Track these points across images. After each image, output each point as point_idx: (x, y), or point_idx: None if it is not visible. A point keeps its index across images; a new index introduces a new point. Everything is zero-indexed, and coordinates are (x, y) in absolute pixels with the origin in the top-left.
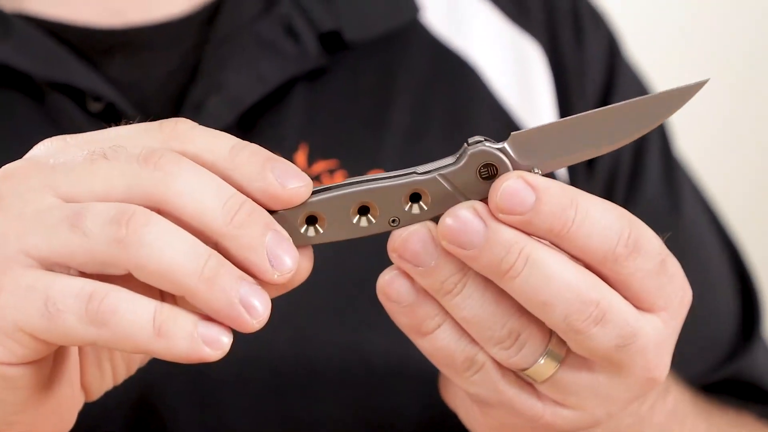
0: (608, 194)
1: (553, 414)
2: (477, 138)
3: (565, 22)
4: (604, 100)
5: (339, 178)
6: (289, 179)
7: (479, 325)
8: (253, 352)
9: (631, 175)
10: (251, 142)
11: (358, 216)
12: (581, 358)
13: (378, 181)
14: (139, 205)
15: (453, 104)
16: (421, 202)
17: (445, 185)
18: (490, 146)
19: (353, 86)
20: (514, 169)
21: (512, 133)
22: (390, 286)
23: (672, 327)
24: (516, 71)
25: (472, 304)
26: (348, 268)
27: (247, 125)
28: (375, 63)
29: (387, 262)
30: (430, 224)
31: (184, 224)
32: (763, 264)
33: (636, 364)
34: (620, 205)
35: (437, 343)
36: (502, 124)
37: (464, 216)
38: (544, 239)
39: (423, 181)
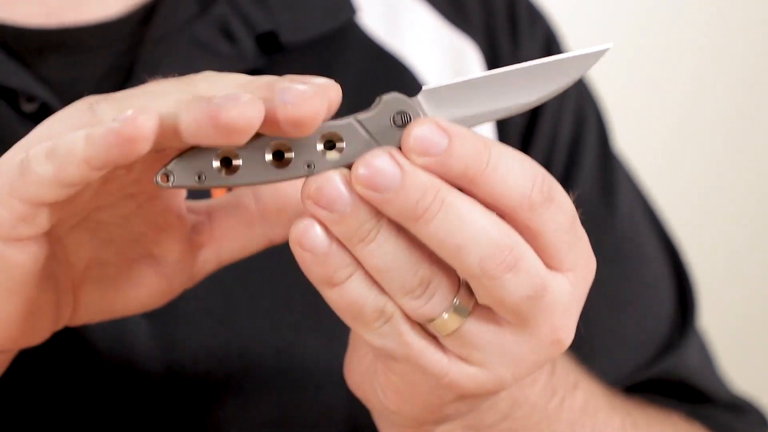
0: None
1: (458, 370)
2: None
3: (501, 22)
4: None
5: None
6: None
7: (391, 273)
8: (183, 354)
9: (565, 169)
10: None
11: (272, 158)
12: (488, 313)
13: None
14: None
15: None
16: (336, 148)
17: (361, 131)
18: (402, 96)
19: None
20: None
21: (423, 87)
22: (304, 234)
23: (579, 291)
24: (453, 72)
25: (384, 251)
26: (282, 268)
27: None
28: (311, 64)
29: None
30: (344, 170)
31: None
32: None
33: (543, 322)
34: None
35: (347, 294)
36: None
37: (380, 160)
38: (459, 186)
39: (338, 125)
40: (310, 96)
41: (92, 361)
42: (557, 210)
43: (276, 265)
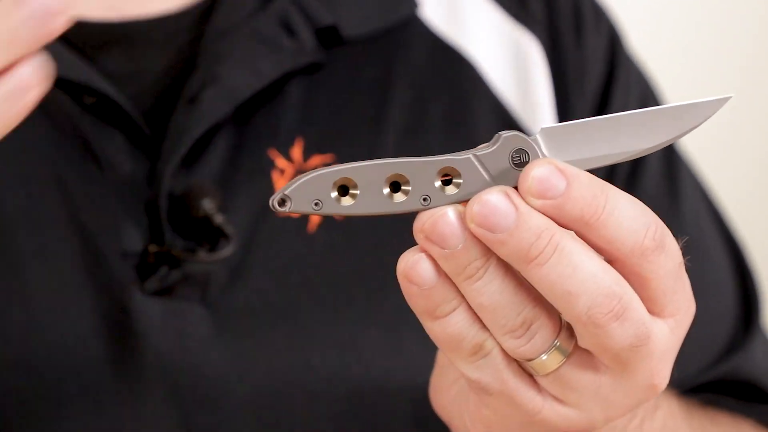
0: None
1: (551, 409)
2: (510, 131)
3: (565, 19)
4: (605, 97)
5: None
6: None
7: (494, 312)
8: (246, 346)
9: (630, 168)
10: (246, 136)
11: (389, 190)
12: (587, 356)
13: (412, 159)
14: None
15: (451, 100)
16: (453, 184)
17: (478, 167)
18: (522, 134)
19: (350, 81)
20: None
21: (542, 126)
22: (413, 268)
23: (677, 336)
24: (515, 68)
25: (491, 290)
26: (343, 266)
27: (242, 119)
28: (373, 58)
29: (380, 260)
30: (459, 207)
31: None
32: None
33: (642, 368)
34: None
35: (449, 327)
36: (500, 120)
37: (496, 199)
38: (572, 229)
39: (457, 160)
40: None
41: (156, 367)
42: (667, 257)
43: (338, 261)
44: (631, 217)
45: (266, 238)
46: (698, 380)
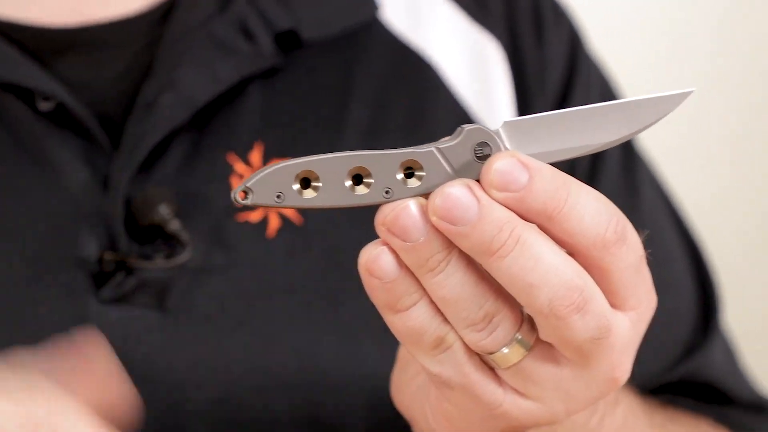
0: None
1: (512, 403)
2: (472, 123)
3: (525, 19)
4: (564, 96)
5: None
6: None
7: (456, 305)
8: (202, 355)
9: (590, 167)
10: (205, 141)
11: (351, 182)
12: (548, 349)
13: (375, 151)
14: None
15: (412, 102)
16: (415, 176)
17: (441, 160)
18: (484, 127)
19: (310, 85)
20: None
21: (505, 120)
22: (375, 261)
23: (638, 330)
24: (475, 69)
25: (452, 282)
26: (302, 270)
27: (200, 124)
28: (333, 61)
29: (339, 264)
30: (421, 200)
31: None
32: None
33: (602, 361)
34: None
35: (410, 321)
36: (461, 122)
37: (458, 192)
38: (534, 221)
39: (419, 153)
40: None
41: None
42: (628, 251)
43: (296, 268)
44: (593, 210)
45: (225, 244)
46: (658, 381)
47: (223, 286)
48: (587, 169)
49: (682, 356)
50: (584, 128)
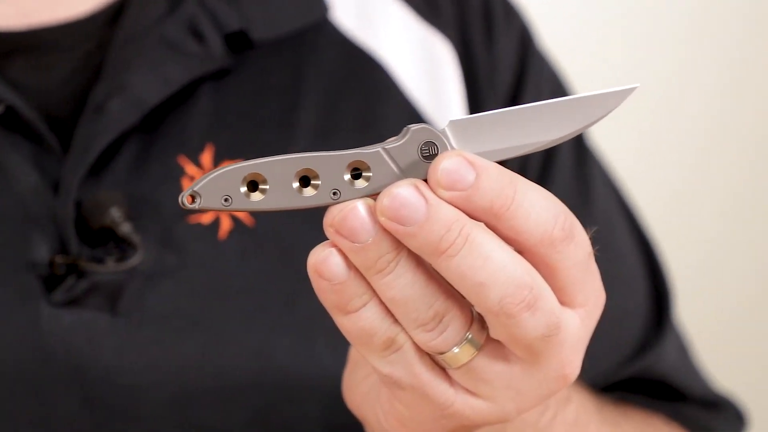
0: None
1: (464, 402)
2: (418, 123)
3: (475, 19)
4: (515, 96)
5: None
6: None
7: (406, 305)
8: (156, 356)
9: (542, 165)
10: (155, 143)
11: (299, 184)
12: (499, 348)
13: (321, 152)
14: None
15: (363, 103)
16: (362, 177)
17: (388, 161)
18: (430, 126)
19: (261, 86)
20: None
21: (451, 119)
22: (324, 263)
23: (587, 326)
24: (426, 69)
25: (402, 283)
26: (255, 272)
27: (150, 126)
28: (283, 62)
29: (292, 265)
30: (369, 200)
31: None
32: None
33: (552, 359)
34: None
35: (360, 322)
36: (412, 121)
37: (405, 192)
38: (482, 220)
39: (366, 153)
40: None
41: (71, 377)
42: (576, 248)
43: (248, 268)
44: (540, 208)
45: (177, 246)
46: (611, 378)
47: (175, 288)
48: (539, 166)
49: (635, 353)
50: (530, 126)
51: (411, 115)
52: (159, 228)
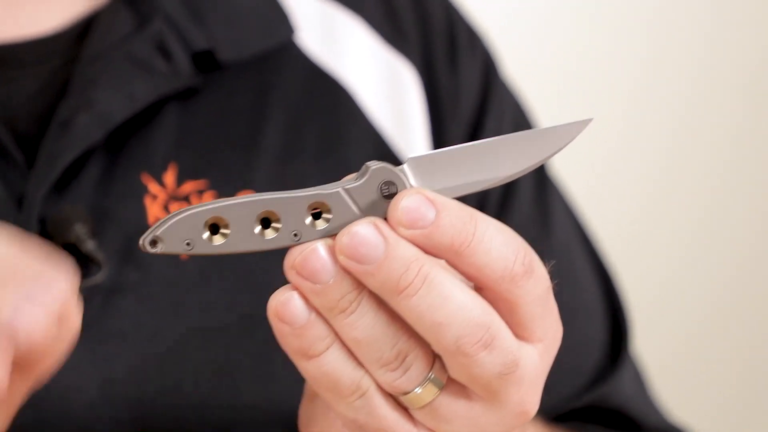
0: None
1: None
2: (377, 162)
3: (440, 45)
4: (477, 123)
5: (208, 198)
6: None
7: (369, 346)
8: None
9: (502, 195)
10: (119, 161)
11: (260, 227)
12: (460, 386)
13: (282, 193)
14: None
15: (326, 126)
16: (323, 218)
17: (348, 201)
18: (390, 165)
19: (226, 106)
20: None
21: (409, 156)
22: (285, 306)
23: (545, 361)
24: (390, 94)
25: (364, 323)
26: (216, 291)
27: (115, 144)
28: (248, 83)
29: (253, 288)
30: (329, 241)
31: None
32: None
33: (512, 395)
34: None
35: (324, 366)
36: (375, 146)
37: (364, 230)
38: (442, 257)
39: (326, 194)
40: None
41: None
42: (535, 283)
43: (211, 286)
44: (500, 244)
45: (138, 264)
46: (567, 407)
47: (135, 306)
48: (499, 198)
49: (591, 382)
50: (487, 161)
51: (374, 139)
52: (119, 244)
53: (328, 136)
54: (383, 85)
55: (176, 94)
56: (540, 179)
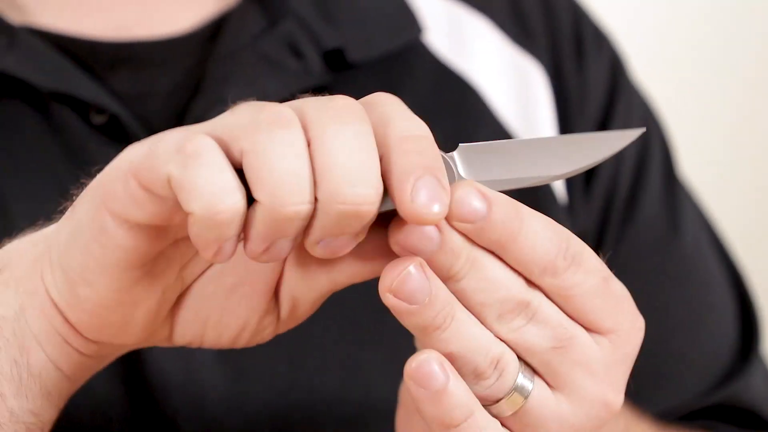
0: (605, 213)
1: None
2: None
3: (567, 44)
4: (604, 122)
5: None
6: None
7: (464, 358)
8: (249, 383)
9: (630, 193)
10: None
11: None
12: (544, 387)
13: None
14: None
15: (455, 125)
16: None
17: None
18: (440, 152)
19: None
20: (456, 180)
21: (461, 144)
22: (430, 377)
23: (623, 352)
24: (518, 93)
25: (459, 336)
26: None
27: None
28: (377, 83)
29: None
30: (419, 259)
31: None
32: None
33: (587, 386)
34: (617, 225)
35: (449, 402)
36: None
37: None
38: (487, 249)
39: None
40: None
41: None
42: (584, 275)
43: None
44: (543, 238)
45: None
46: (697, 405)
47: None
48: (627, 192)
49: (721, 380)
50: (536, 159)
51: (503, 137)
52: None
53: (457, 135)
54: (511, 84)
55: (307, 92)
56: (669, 177)
